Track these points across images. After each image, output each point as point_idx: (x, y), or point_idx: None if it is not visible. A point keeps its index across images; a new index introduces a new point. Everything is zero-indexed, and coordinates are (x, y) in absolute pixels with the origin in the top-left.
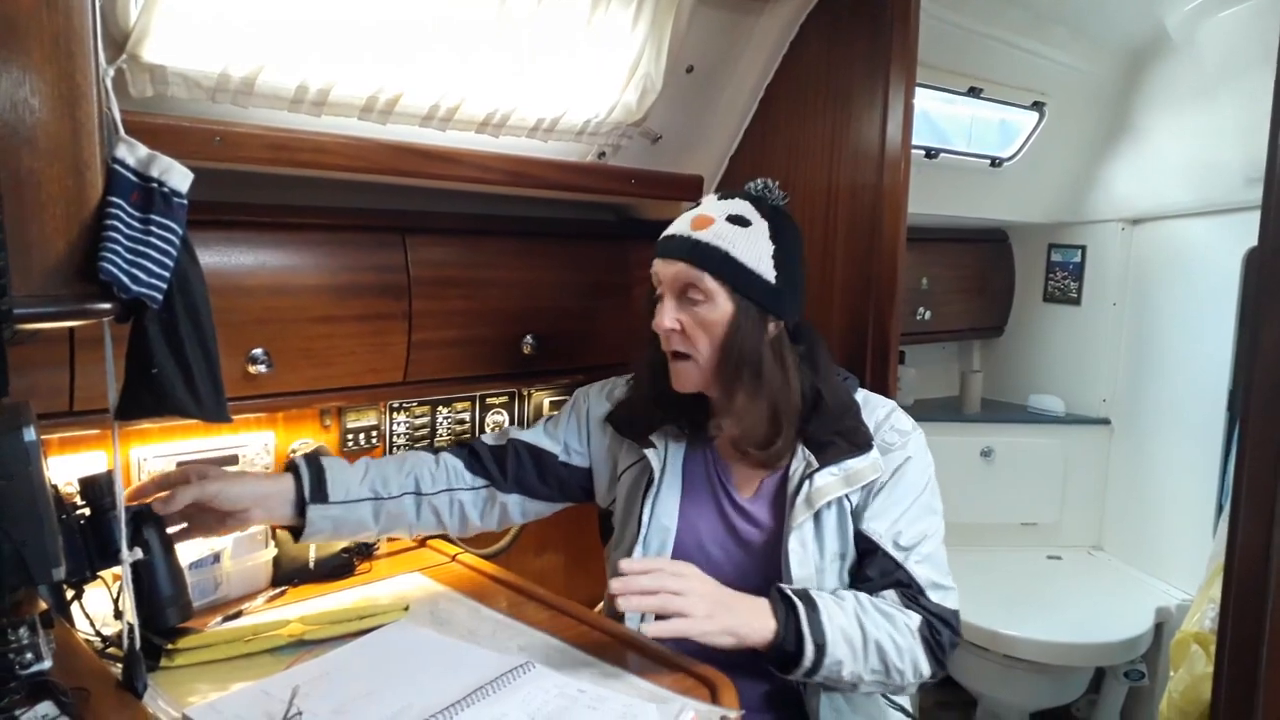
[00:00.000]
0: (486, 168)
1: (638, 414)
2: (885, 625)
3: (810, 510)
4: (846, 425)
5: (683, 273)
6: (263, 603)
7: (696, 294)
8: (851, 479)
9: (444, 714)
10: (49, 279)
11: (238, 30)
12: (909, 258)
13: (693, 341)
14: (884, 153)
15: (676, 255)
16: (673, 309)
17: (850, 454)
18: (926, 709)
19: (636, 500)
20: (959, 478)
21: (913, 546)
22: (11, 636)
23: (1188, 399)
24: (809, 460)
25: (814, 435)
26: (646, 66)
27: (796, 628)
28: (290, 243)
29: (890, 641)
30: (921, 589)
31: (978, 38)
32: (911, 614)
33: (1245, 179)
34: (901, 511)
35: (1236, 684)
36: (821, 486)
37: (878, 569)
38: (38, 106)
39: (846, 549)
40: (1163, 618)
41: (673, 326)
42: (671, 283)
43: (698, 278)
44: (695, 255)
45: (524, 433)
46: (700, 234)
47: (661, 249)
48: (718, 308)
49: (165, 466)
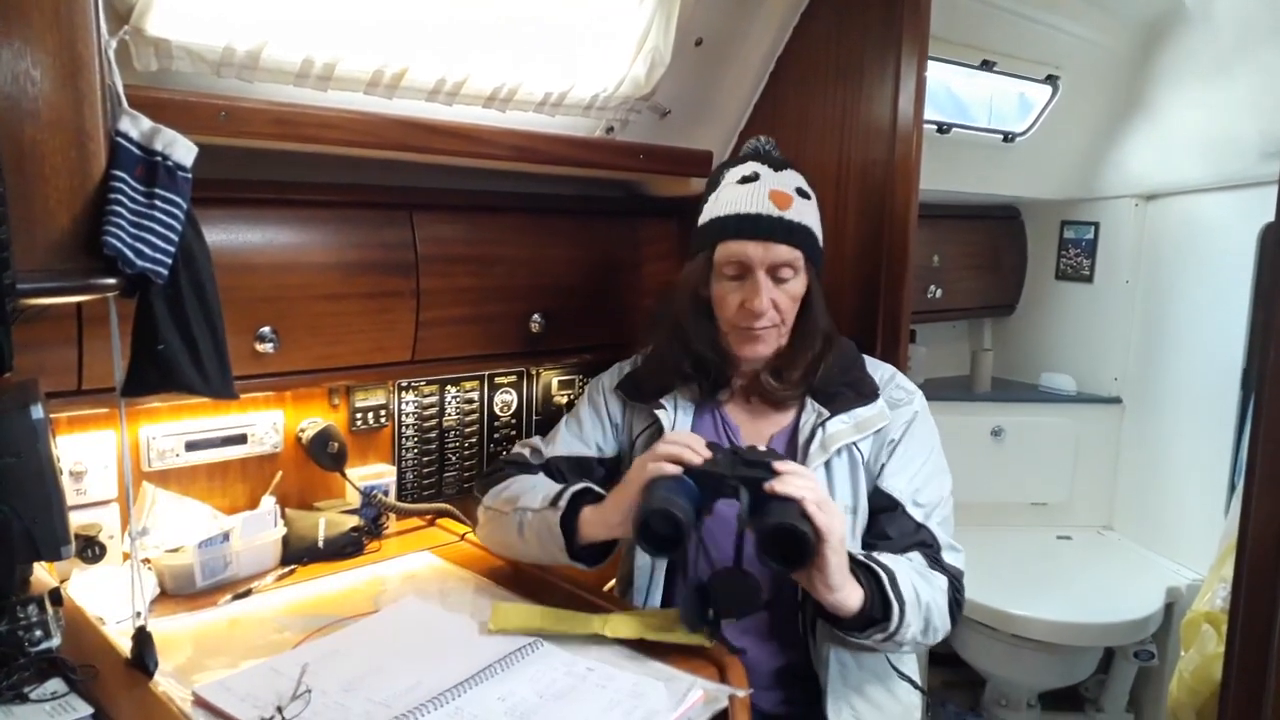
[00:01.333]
0: (493, 143)
1: (650, 381)
2: (928, 588)
3: (825, 455)
4: (853, 376)
5: (782, 254)
6: (272, 581)
7: (788, 271)
8: (861, 426)
9: (452, 691)
10: (53, 253)
11: (242, 3)
12: (920, 235)
13: (782, 314)
14: (895, 128)
15: (773, 237)
16: (769, 288)
17: (858, 403)
18: (934, 688)
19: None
20: (969, 457)
21: (931, 506)
22: (21, 614)
23: (1200, 377)
24: (819, 411)
25: (822, 387)
26: (655, 39)
27: (882, 593)
28: (297, 220)
29: (935, 603)
30: (940, 549)
31: (991, 10)
32: (939, 576)
33: (1261, 154)
34: (918, 468)
35: (1248, 663)
36: (834, 433)
37: (897, 528)
38: (39, 77)
39: (858, 503)
40: (1173, 598)
41: (767, 308)
42: (764, 262)
43: (794, 258)
44: (794, 237)
45: (556, 446)
46: (789, 214)
47: (745, 229)
48: (801, 280)
49: (173, 445)
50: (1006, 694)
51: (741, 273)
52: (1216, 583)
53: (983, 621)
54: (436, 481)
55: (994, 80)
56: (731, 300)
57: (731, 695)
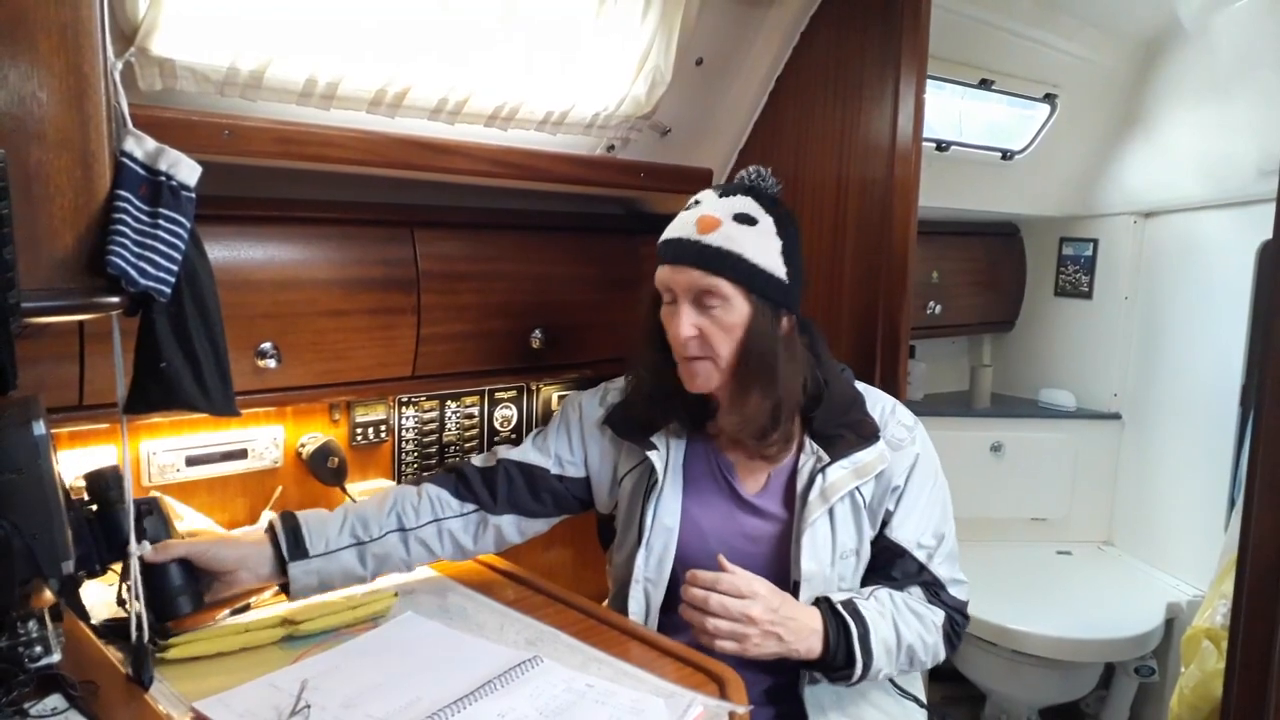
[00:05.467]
0: (495, 161)
1: (638, 415)
2: (916, 625)
3: (825, 505)
4: (853, 418)
5: (697, 280)
6: (270, 596)
7: (713, 300)
8: (861, 471)
9: (452, 708)
10: (57, 272)
11: (246, 23)
12: (919, 251)
13: (712, 345)
14: (895, 145)
15: (687, 262)
16: (690, 315)
17: (859, 446)
18: (935, 703)
19: (638, 502)
20: (969, 472)
21: (934, 546)
22: (21, 629)
23: (1199, 394)
24: (819, 455)
25: (820, 429)
26: (656, 58)
27: (848, 647)
28: (299, 237)
29: (920, 641)
30: (944, 586)
31: (989, 29)
32: (936, 610)
33: (1259, 171)
34: (922, 512)
35: (1249, 679)
36: (835, 481)
37: (901, 571)
38: (45, 99)
39: (861, 546)
40: (1173, 613)
41: (691, 334)
42: (685, 290)
43: (714, 284)
44: (708, 261)
45: (513, 451)
46: (709, 238)
47: (668, 254)
48: (735, 310)
49: (174, 460)
50: (1007, 710)
51: (673, 299)
52: (1217, 599)
53: (983, 637)
54: None
55: (985, 100)
56: (669, 328)
57: (731, 712)
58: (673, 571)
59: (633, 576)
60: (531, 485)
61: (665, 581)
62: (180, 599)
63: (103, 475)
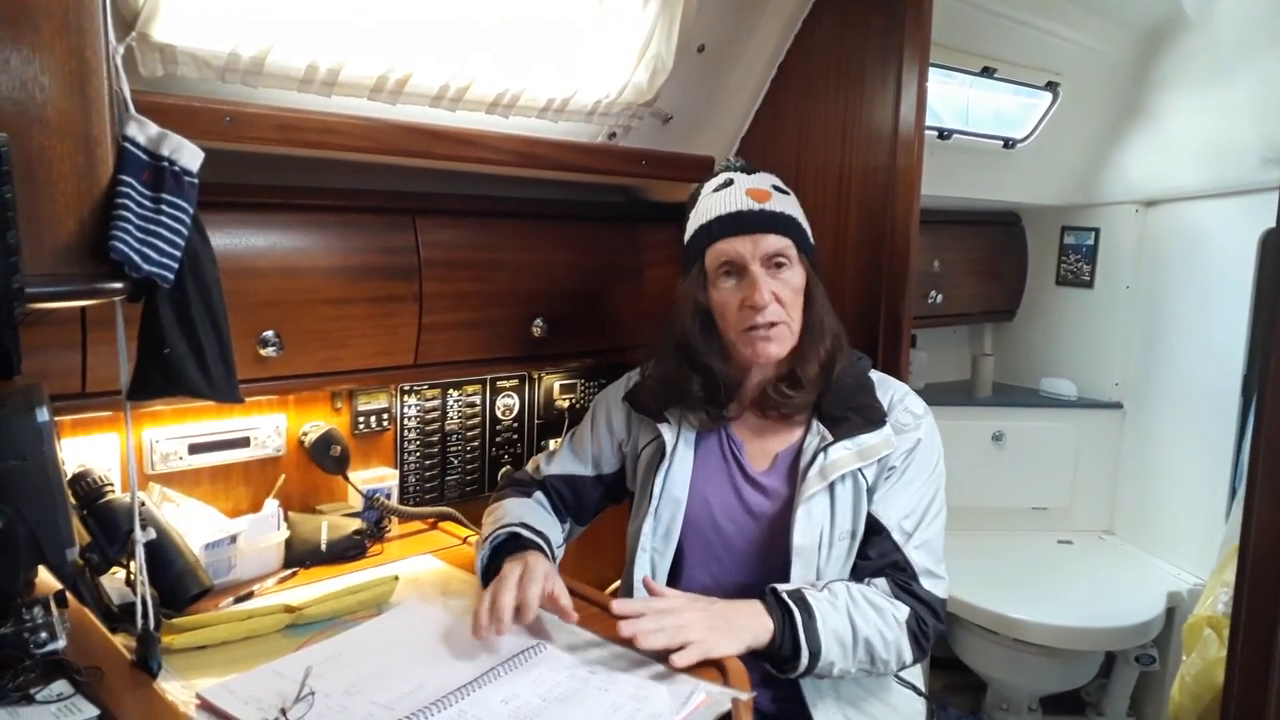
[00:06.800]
0: (496, 148)
1: (656, 393)
2: (875, 619)
3: (824, 482)
4: (861, 401)
5: (772, 244)
6: (274, 584)
7: (783, 261)
8: (865, 453)
9: (456, 694)
10: (60, 258)
11: (247, 9)
12: (921, 240)
13: (786, 308)
14: (897, 134)
15: (758, 228)
16: (767, 281)
17: (864, 429)
18: (935, 692)
19: (650, 474)
20: (970, 461)
21: (914, 531)
22: (26, 616)
23: (1201, 382)
24: (823, 434)
25: (829, 410)
26: (657, 46)
27: (793, 635)
28: (301, 224)
29: (879, 636)
30: (915, 575)
31: (992, 16)
32: (900, 605)
33: (1261, 160)
34: (909, 496)
35: (1250, 667)
36: (836, 460)
37: (877, 550)
38: (48, 84)
39: (858, 527)
40: (1174, 602)
41: (769, 301)
42: (760, 256)
43: (785, 245)
44: (779, 224)
45: (553, 466)
46: (769, 205)
47: (732, 227)
48: (799, 272)
49: (177, 448)
50: (1008, 698)
51: (736, 272)
52: (1218, 587)
53: (984, 626)
54: (439, 485)
55: (987, 88)
56: (731, 302)
57: (734, 698)
58: (680, 543)
59: (639, 545)
60: (577, 495)
61: (671, 552)
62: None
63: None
